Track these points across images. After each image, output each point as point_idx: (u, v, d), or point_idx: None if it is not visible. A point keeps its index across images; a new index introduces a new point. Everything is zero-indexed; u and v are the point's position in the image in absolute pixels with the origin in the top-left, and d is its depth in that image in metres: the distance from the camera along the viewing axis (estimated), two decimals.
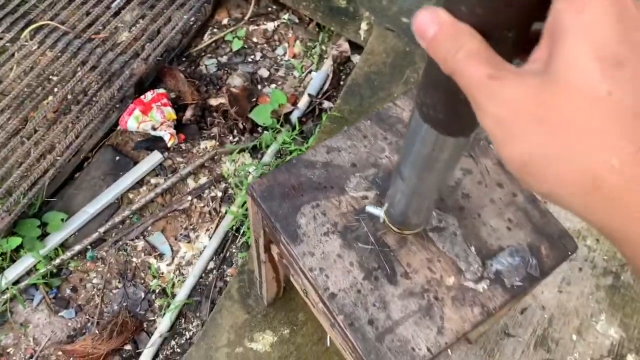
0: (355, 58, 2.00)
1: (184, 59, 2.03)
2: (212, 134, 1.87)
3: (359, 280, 0.83)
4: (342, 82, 1.98)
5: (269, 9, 2.16)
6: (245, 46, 2.06)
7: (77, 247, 1.64)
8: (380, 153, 0.94)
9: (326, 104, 1.94)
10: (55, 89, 1.80)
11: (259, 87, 1.99)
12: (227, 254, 1.67)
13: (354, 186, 0.91)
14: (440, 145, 0.55)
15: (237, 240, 1.68)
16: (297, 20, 2.13)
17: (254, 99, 1.93)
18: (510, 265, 0.84)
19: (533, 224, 0.88)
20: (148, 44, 1.91)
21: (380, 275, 0.84)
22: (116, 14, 2.00)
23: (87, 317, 1.59)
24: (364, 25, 1.88)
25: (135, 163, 1.78)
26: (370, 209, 0.84)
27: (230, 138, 1.87)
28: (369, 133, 0.96)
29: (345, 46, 1.99)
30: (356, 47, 2.00)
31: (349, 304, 0.81)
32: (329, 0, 1.89)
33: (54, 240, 1.64)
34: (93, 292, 1.62)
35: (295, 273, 0.91)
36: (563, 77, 0.30)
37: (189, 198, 1.74)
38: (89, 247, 1.66)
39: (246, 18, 2.09)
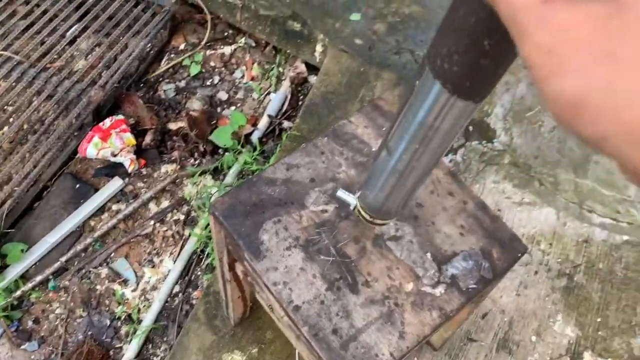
0: (312, 79, 2.05)
1: (142, 84, 2.04)
2: (172, 158, 1.88)
3: (322, 291, 0.86)
4: (300, 102, 2.02)
5: (225, 33, 2.20)
6: (203, 70, 2.09)
7: (39, 278, 1.62)
8: (337, 168, 0.98)
9: (286, 124, 1.98)
10: (11, 119, 1.79)
11: (219, 109, 2.02)
12: (192, 277, 1.67)
13: (313, 200, 0.94)
14: (446, 110, 0.51)
15: (202, 263, 1.69)
16: (253, 44, 2.17)
17: (214, 122, 1.96)
18: (464, 269, 0.88)
19: (484, 229, 0.92)
20: (105, 71, 1.91)
21: (342, 285, 0.87)
22: (72, 42, 2.00)
23: (51, 348, 1.56)
24: (319, 47, 1.93)
25: (96, 190, 1.77)
26: (342, 194, 0.79)
27: (191, 161, 1.88)
28: (326, 149, 1.00)
29: (302, 68, 2.04)
30: (312, 68, 2.05)
31: (313, 315, 0.83)
32: (284, 24, 1.94)
33: (13, 272, 1.61)
34: (56, 323, 1.60)
35: (260, 289, 0.93)
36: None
37: (152, 222, 1.74)
38: (50, 277, 1.64)
39: (203, 43, 2.11)
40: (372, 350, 0.81)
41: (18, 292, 1.59)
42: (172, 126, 1.92)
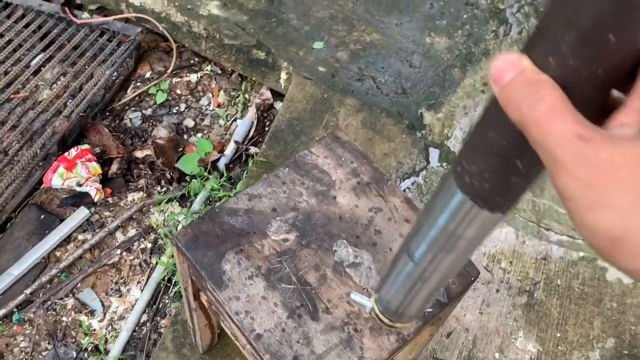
0: (278, 105, 2.09)
1: (107, 113, 2.05)
2: (139, 186, 1.88)
3: (283, 319, 0.88)
4: (266, 128, 2.06)
5: (192, 61, 2.23)
6: (170, 98, 2.11)
7: (2, 311, 1.59)
8: (298, 197, 1.01)
9: (252, 150, 2.01)
10: None
11: (185, 136, 2.04)
12: (160, 305, 1.67)
13: (275, 230, 0.97)
14: (472, 219, 0.50)
15: (170, 291, 1.69)
16: (219, 71, 2.20)
17: (181, 149, 1.97)
18: None
19: None
20: (70, 101, 1.92)
21: (303, 312, 0.89)
22: (36, 72, 2.00)
23: None
24: (283, 75, 1.97)
25: (62, 220, 1.77)
26: (356, 297, 0.78)
27: (158, 189, 1.89)
28: (288, 179, 1.03)
29: (268, 94, 2.08)
30: (278, 95, 2.09)
31: (275, 343, 0.86)
32: (249, 53, 1.98)
33: None
34: (21, 357, 1.57)
35: (224, 318, 0.95)
36: None
37: (118, 252, 1.74)
38: (14, 309, 1.62)
39: (169, 71, 2.14)
40: None
41: None
42: (139, 154, 1.93)
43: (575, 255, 1.72)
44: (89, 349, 1.60)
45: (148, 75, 2.17)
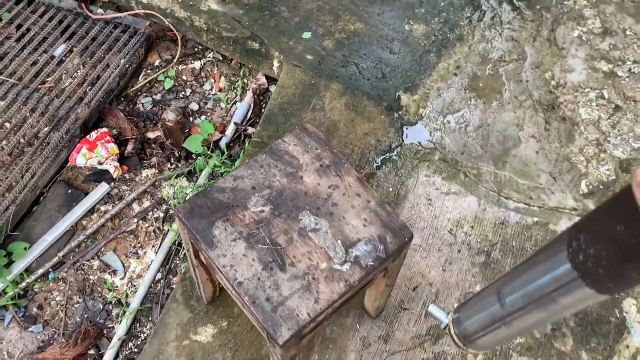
0: (273, 89, 2.34)
1: (122, 98, 2.32)
2: (151, 163, 2.16)
3: (259, 271, 1.16)
4: (262, 110, 2.31)
5: (195, 49, 2.47)
6: (176, 84, 2.37)
7: (40, 271, 1.90)
8: (273, 178, 1.28)
9: (250, 130, 2.27)
10: (9, 135, 2.06)
11: (191, 119, 2.30)
12: (172, 265, 1.97)
13: (253, 203, 1.24)
14: (573, 291, 0.50)
15: (180, 253, 1.99)
16: (220, 58, 2.45)
17: (187, 130, 2.24)
18: (365, 251, 1.19)
19: (381, 221, 1.23)
20: (90, 89, 2.19)
21: (274, 266, 1.17)
22: (60, 62, 2.27)
23: (54, 329, 1.86)
24: (275, 63, 2.22)
25: (86, 194, 2.06)
26: (434, 310, 0.88)
27: (168, 165, 2.17)
28: (265, 163, 1.30)
29: (263, 80, 2.33)
30: (272, 80, 2.33)
31: (252, 288, 1.14)
32: (244, 44, 2.23)
33: (19, 266, 1.90)
34: (57, 308, 1.89)
35: (216, 271, 1.23)
36: None
37: (135, 220, 2.04)
38: (50, 269, 1.93)
39: (175, 60, 2.39)
40: (294, 312, 1.12)
41: (23, 284, 1.88)
42: (151, 135, 2.21)
43: (530, 220, 1.97)
44: (113, 302, 1.91)
45: (157, 63, 2.43)
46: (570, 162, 2.07)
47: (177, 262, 1.98)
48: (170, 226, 2.02)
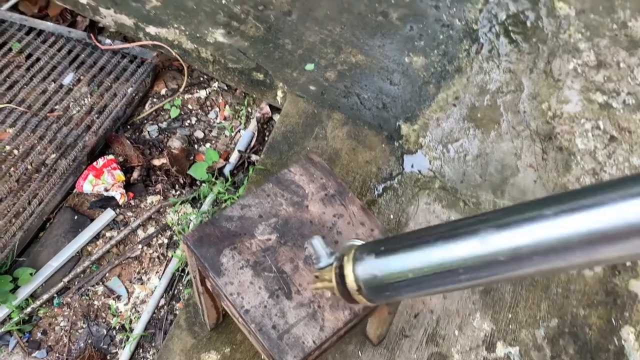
0: (276, 117, 2.39)
1: (128, 126, 2.37)
2: (157, 190, 2.20)
3: (265, 298, 1.19)
4: (266, 138, 2.36)
5: (201, 78, 2.53)
6: (182, 113, 2.43)
7: (45, 296, 1.93)
8: (279, 206, 1.32)
9: (254, 157, 2.31)
10: (18, 162, 2.10)
11: (196, 146, 2.35)
12: (175, 291, 1.99)
13: (260, 231, 1.28)
14: None
15: (183, 279, 2.01)
16: (225, 87, 2.51)
17: (192, 158, 2.29)
18: None
19: None
20: (98, 117, 2.24)
21: (280, 294, 1.20)
22: (68, 91, 2.33)
23: (58, 355, 1.87)
24: (279, 93, 2.28)
25: (92, 220, 2.09)
26: (318, 244, 0.91)
27: (173, 192, 2.21)
28: (271, 192, 1.34)
29: (267, 109, 2.38)
30: (276, 109, 2.39)
31: (258, 316, 1.17)
32: (249, 75, 2.29)
33: (24, 292, 1.92)
34: (61, 334, 1.91)
35: (223, 298, 1.26)
36: None
37: (140, 246, 2.06)
38: (55, 295, 1.95)
39: (181, 89, 2.45)
40: (300, 339, 1.14)
41: (28, 309, 1.90)
42: (156, 163, 2.25)
43: None
44: (117, 327, 1.92)
45: (163, 92, 2.49)
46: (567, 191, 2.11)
47: (180, 288, 2.01)
48: (174, 252, 2.05)
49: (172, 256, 2.04)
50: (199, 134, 2.38)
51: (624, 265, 1.98)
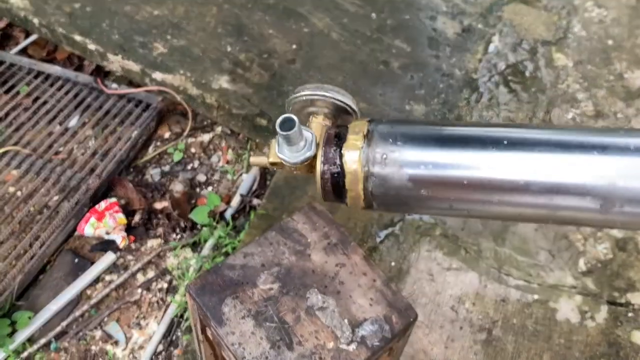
0: None
1: (131, 169, 2.39)
2: (157, 234, 2.20)
3: (267, 349, 1.18)
4: (268, 182, 2.38)
5: (205, 122, 2.57)
6: (185, 156, 2.45)
7: (43, 340, 1.90)
8: (282, 255, 1.32)
9: (255, 202, 2.32)
10: (21, 204, 2.11)
11: (198, 190, 2.36)
12: (174, 337, 1.97)
13: (263, 281, 1.28)
14: None
15: (182, 325, 1.99)
16: (229, 132, 2.55)
17: (194, 201, 2.30)
18: (371, 331, 1.21)
19: (387, 300, 1.26)
20: (102, 160, 2.26)
21: (281, 344, 1.19)
22: (74, 134, 2.36)
23: None
24: None
25: (92, 263, 2.09)
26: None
27: (174, 236, 2.21)
28: (274, 241, 1.34)
29: None
30: None
31: None
32: (253, 120, 2.32)
33: (22, 335, 1.90)
34: None
35: (223, 348, 1.25)
36: None
37: (139, 291, 2.05)
38: (52, 339, 1.93)
39: (185, 133, 2.48)
40: None
41: (25, 354, 1.88)
42: (158, 206, 2.26)
43: (530, 298, 2.00)
44: None
45: (167, 135, 2.52)
46: (569, 240, 2.12)
47: (179, 334, 1.99)
48: (173, 297, 2.03)
49: (171, 301, 2.03)
50: (202, 178, 2.40)
51: (625, 315, 1.97)
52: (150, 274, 2.10)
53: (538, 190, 0.51)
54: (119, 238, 2.12)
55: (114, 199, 2.21)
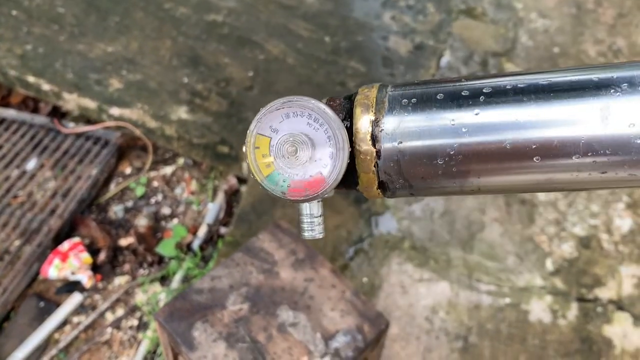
0: (244, 188, 2.41)
1: (94, 207, 2.35)
2: (124, 270, 2.16)
3: None
4: (234, 210, 2.37)
5: (166, 155, 2.56)
6: (148, 190, 2.42)
7: None
8: (249, 275, 1.31)
9: (223, 230, 2.30)
10: None
11: (163, 223, 2.33)
12: None
13: (232, 302, 1.26)
14: None
15: None
16: (191, 162, 2.53)
17: (159, 234, 2.27)
18: (344, 342, 1.21)
19: (358, 310, 1.26)
20: (62, 201, 2.22)
21: None
22: (32, 176, 2.31)
23: None
24: (244, 165, 2.31)
25: (58, 305, 2.03)
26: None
27: (141, 271, 2.17)
28: (241, 261, 1.34)
29: (234, 181, 2.40)
30: (243, 181, 2.41)
31: None
32: (214, 149, 2.32)
33: None
34: None
35: None
36: None
37: (109, 330, 2.00)
38: None
39: (146, 167, 2.46)
40: None
41: None
42: (123, 242, 2.22)
43: (502, 302, 2.02)
44: None
45: (128, 171, 2.49)
46: (534, 242, 2.16)
47: None
48: (145, 334, 1.98)
49: (142, 338, 1.98)
50: (166, 211, 2.37)
51: (595, 311, 2.01)
52: (120, 312, 2.05)
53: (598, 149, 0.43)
54: (85, 278, 2.07)
55: (77, 239, 2.16)
